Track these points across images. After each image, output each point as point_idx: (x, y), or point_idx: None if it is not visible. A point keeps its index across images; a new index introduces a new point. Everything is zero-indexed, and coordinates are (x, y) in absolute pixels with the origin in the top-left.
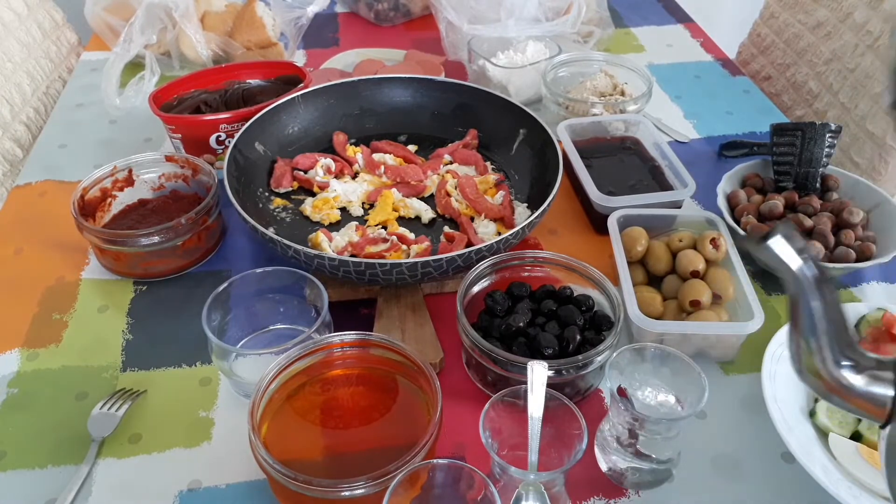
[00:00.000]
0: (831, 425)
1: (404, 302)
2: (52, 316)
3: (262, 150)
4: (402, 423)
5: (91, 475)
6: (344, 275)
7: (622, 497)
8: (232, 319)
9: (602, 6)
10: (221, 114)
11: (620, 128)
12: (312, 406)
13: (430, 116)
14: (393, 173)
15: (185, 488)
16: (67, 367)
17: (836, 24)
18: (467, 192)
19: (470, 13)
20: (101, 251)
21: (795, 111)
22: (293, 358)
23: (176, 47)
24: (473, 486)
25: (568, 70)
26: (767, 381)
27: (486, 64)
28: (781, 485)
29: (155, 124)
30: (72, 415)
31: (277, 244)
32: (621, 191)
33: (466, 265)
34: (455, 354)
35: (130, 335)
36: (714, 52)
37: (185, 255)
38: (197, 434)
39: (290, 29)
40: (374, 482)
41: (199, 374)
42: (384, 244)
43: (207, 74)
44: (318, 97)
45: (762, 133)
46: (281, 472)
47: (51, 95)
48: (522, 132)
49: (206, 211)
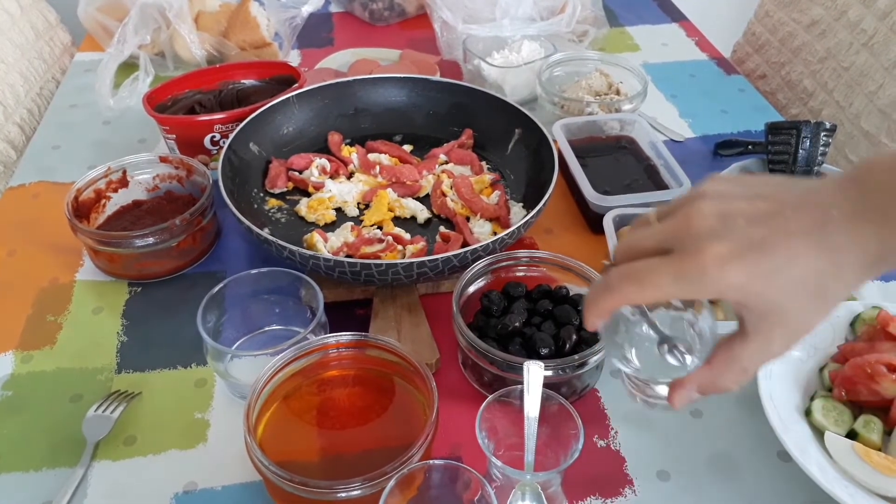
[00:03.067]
0: (827, 424)
1: (400, 302)
2: (47, 318)
3: (257, 151)
4: (398, 423)
5: (86, 478)
6: (339, 275)
7: (619, 496)
8: (227, 321)
9: (597, 5)
10: (216, 114)
11: (616, 127)
12: (308, 407)
13: (426, 116)
14: (388, 173)
15: (181, 490)
16: (62, 369)
17: (831, 22)
18: (463, 192)
19: (465, 12)
20: (96, 252)
21: (790, 110)
22: (289, 359)
23: (170, 48)
24: (470, 486)
25: (563, 69)
26: (763, 379)
27: (481, 63)
28: (777, 483)
29: (149, 125)
30: (66, 417)
31: (272, 245)
32: (617, 190)
33: (462, 265)
34: (451, 355)
35: (125, 337)
36: (709, 50)
37: (179, 256)
38: (192, 436)
39: (285, 29)
40: (370, 483)
41: (195, 376)
42: (380, 244)
43: (202, 75)
44: (313, 97)
45: (757, 132)
46: (277, 474)
47: (44, 96)
48: (518, 132)
49: (200, 212)
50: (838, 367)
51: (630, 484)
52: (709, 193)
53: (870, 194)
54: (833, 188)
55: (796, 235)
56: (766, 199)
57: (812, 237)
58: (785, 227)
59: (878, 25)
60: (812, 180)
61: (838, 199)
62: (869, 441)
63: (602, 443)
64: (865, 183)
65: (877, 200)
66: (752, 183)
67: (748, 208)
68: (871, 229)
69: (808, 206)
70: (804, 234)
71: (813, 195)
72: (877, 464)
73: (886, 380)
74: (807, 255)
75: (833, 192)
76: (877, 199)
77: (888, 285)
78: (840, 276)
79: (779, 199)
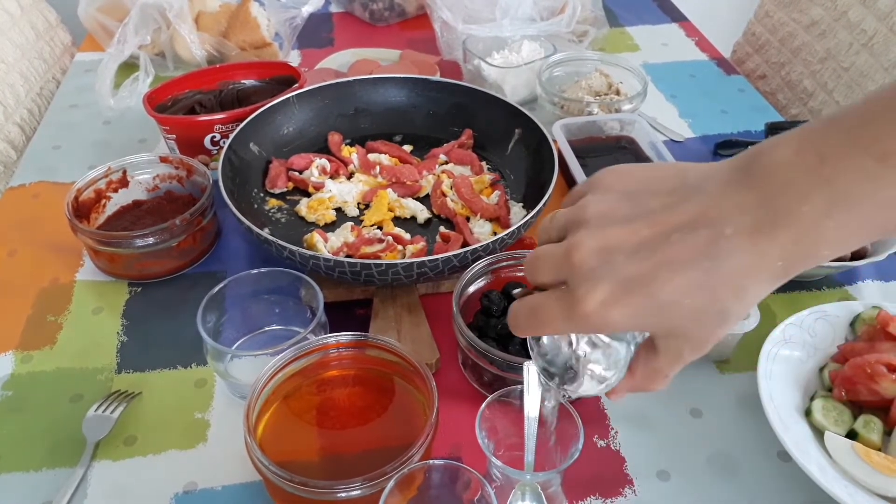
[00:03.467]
0: (827, 424)
1: (400, 302)
2: (47, 318)
3: (257, 151)
4: (398, 423)
5: (86, 478)
6: (339, 275)
7: (619, 496)
8: (227, 321)
9: (597, 5)
10: (216, 114)
11: (616, 127)
12: (308, 407)
13: (426, 116)
14: (388, 173)
15: (181, 490)
16: (62, 369)
17: (831, 22)
18: (463, 192)
19: (465, 13)
20: (96, 252)
21: (790, 110)
22: (289, 359)
23: (170, 48)
24: (470, 486)
25: (563, 69)
26: (763, 380)
27: (481, 64)
28: (777, 483)
29: (149, 125)
30: (66, 417)
31: (273, 245)
32: None
33: (462, 265)
34: (451, 355)
35: (125, 337)
36: (709, 51)
37: (180, 256)
38: (192, 436)
39: (285, 29)
40: (370, 483)
41: (195, 376)
42: (380, 244)
43: (202, 75)
44: (313, 97)
45: (757, 132)
46: (277, 474)
47: (44, 96)
48: (518, 132)
49: (200, 212)
50: (838, 367)
51: (630, 484)
52: (591, 218)
53: (770, 200)
54: (727, 193)
55: (684, 267)
56: (651, 219)
57: (702, 266)
58: (670, 257)
59: (879, 26)
60: (707, 175)
61: (733, 213)
62: (869, 441)
63: (602, 443)
64: (763, 185)
65: (779, 204)
66: (641, 189)
67: (629, 238)
68: (774, 243)
69: (697, 225)
70: (693, 264)
71: (705, 206)
72: (877, 464)
73: (886, 380)
74: (698, 288)
75: (726, 198)
76: (780, 203)
77: (888, 285)
78: (740, 296)
79: (664, 219)
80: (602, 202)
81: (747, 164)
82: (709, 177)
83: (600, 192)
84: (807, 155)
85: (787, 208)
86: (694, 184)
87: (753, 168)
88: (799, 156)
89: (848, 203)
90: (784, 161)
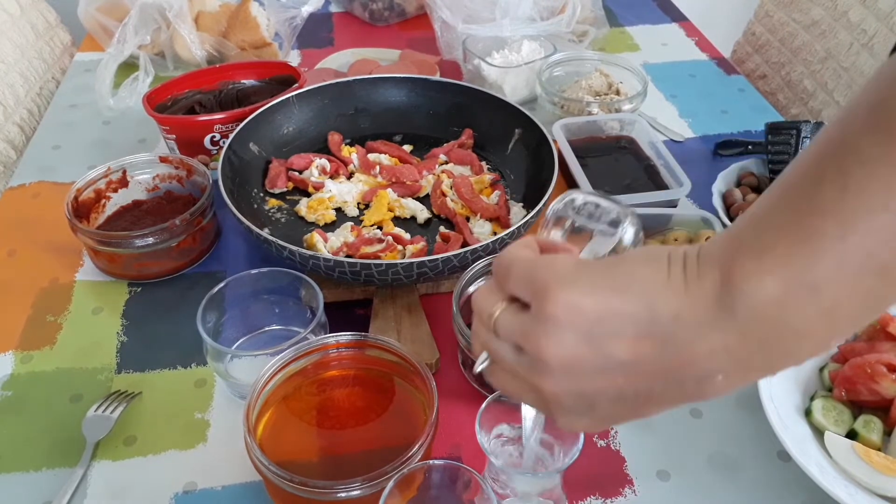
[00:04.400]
0: (827, 424)
1: (400, 302)
2: (46, 318)
3: (257, 151)
4: (398, 423)
5: (86, 478)
6: (339, 275)
7: (619, 496)
8: (227, 321)
9: (597, 5)
10: (216, 114)
11: (616, 127)
12: (308, 407)
13: (426, 116)
14: (388, 173)
15: (181, 490)
16: (62, 369)
17: (831, 22)
18: (463, 192)
19: (465, 12)
20: (96, 252)
21: (791, 110)
22: (288, 359)
23: (170, 48)
24: (470, 486)
25: (563, 69)
26: (763, 380)
27: (481, 63)
28: (777, 483)
29: (149, 125)
30: (66, 417)
31: (272, 245)
32: (617, 190)
33: (462, 265)
34: (451, 355)
35: (125, 337)
36: (709, 50)
37: (179, 256)
38: (192, 436)
39: (285, 29)
40: (370, 483)
41: (195, 376)
42: (379, 244)
43: (201, 75)
44: (313, 97)
45: (757, 132)
46: (276, 474)
47: (44, 96)
48: (518, 132)
49: (200, 212)
50: (838, 367)
51: (630, 484)
52: (555, 367)
53: (762, 350)
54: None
55: (671, 403)
56: (626, 370)
57: (684, 402)
58: (657, 400)
59: (879, 26)
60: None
61: (721, 360)
62: (869, 441)
63: (602, 443)
64: (753, 331)
65: (770, 352)
66: (597, 332)
67: (607, 388)
68: (759, 375)
69: (684, 376)
70: (681, 401)
71: (687, 356)
72: (877, 464)
73: (886, 380)
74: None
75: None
76: (771, 351)
77: None
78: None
79: (642, 370)
80: (560, 346)
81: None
82: (679, 318)
83: (550, 326)
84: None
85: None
86: (665, 330)
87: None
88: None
89: None
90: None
